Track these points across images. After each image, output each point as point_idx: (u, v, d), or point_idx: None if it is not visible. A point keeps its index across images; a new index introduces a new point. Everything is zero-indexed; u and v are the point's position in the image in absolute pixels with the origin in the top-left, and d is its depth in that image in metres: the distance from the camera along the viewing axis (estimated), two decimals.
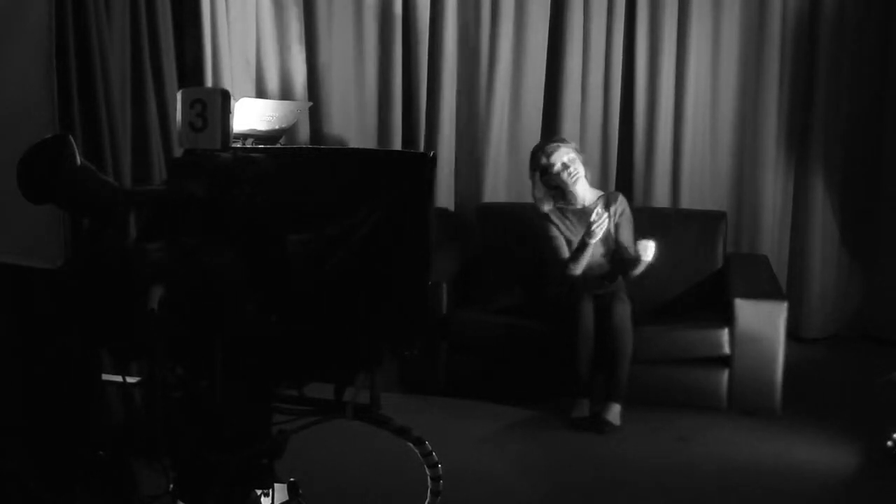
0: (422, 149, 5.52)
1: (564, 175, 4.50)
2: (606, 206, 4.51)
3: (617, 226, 4.53)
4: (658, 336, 4.39)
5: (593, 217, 4.31)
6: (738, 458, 3.89)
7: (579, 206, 4.56)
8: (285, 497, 2.26)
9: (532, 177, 4.62)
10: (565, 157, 4.50)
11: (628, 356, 4.21)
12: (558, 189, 4.53)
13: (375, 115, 5.59)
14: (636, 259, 4.32)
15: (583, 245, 4.39)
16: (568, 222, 4.54)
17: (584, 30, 5.41)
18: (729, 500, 3.56)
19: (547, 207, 4.57)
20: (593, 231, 4.31)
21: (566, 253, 4.49)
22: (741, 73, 5.45)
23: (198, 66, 5.18)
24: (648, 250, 4.29)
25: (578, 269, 4.43)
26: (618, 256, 4.52)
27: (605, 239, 4.49)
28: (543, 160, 4.54)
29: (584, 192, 4.57)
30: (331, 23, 5.50)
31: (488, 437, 4.09)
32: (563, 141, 4.61)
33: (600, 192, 4.64)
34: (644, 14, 5.38)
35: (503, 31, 5.45)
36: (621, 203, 4.56)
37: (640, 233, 4.61)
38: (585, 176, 4.56)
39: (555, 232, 4.54)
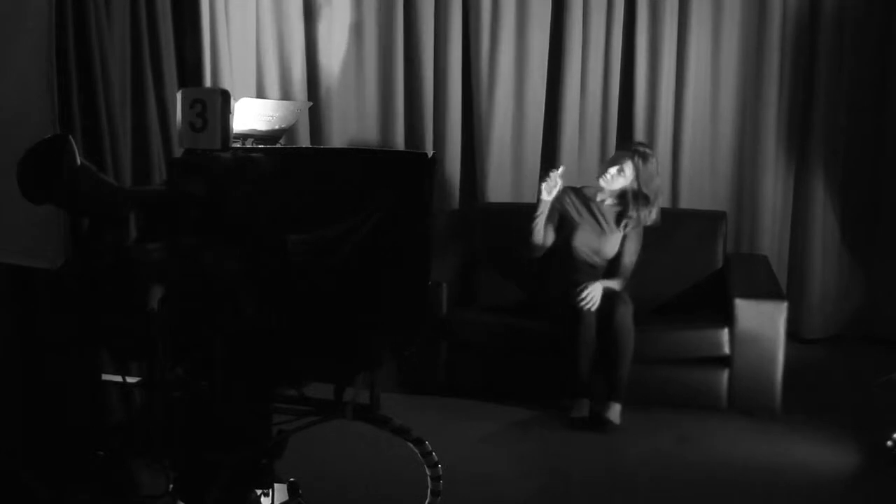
0: (423, 149, 5.52)
1: (604, 168, 4.54)
2: (621, 214, 4.53)
3: (625, 237, 4.53)
4: (658, 336, 4.38)
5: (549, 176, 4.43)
6: (738, 458, 3.89)
7: (596, 199, 4.57)
8: (285, 497, 2.26)
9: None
10: (620, 165, 4.48)
11: (629, 356, 4.21)
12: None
13: (376, 114, 5.59)
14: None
15: (539, 202, 4.51)
16: (573, 203, 4.58)
17: (583, 29, 5.40)
18: (729, 500, 3.56)
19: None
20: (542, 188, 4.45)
21: (539, 233, 4.55)
22: (741, 73, 5.45)
23: (198, 66, 5.19)
24: (591, 295, 4.29)
25: (535, 233, 4.53)
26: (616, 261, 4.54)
27: (606, 239, 4.50)
28: (619, 149, 4.62)
29: (607, 192, 4.57)
30: (331, 22, 5.50)
31: (488, 437, 4.09)
32: (641, 156, 4.47)
33: (620, 208, 4.61)
34: (644, 13, 5.37)
35: (504, 31, 5.45)
36: (636, 223, 4.57)
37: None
38: (635, 211, 4.51)
39: (539, 211, 4.57)
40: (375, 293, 2.09)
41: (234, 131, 2.25)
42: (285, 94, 5.44)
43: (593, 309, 4.26)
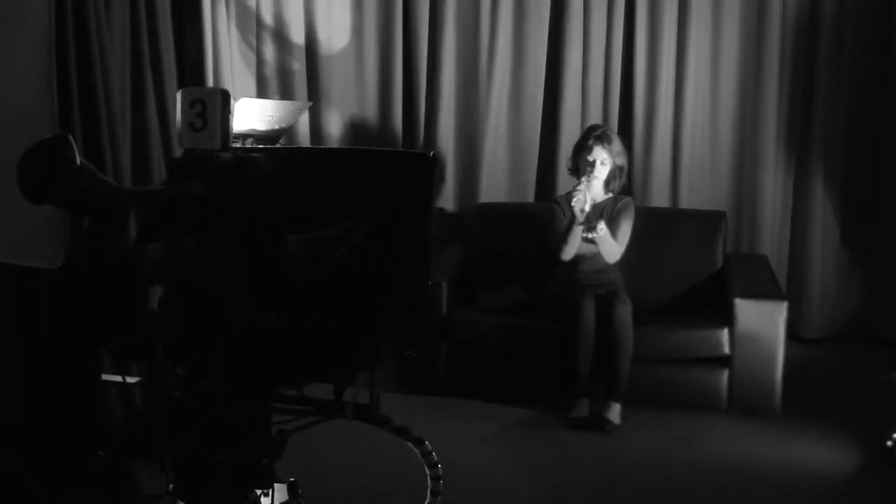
0: (422, 148, 5.52)
1: (587, 168, 4.51)
2: (613, 206, 4.53)
3: (616, 215, 4.52)
4: (658, 336, 4.38)
5: (574, 210, 4.35)
6: (738, 458, 3.89)
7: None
8: (285, 497, 2.26)
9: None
10: (600, 156, 4.49)
11: (629, 356, 4.21)
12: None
13: (375, 114, 5.59)
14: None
15: (569, 230, 4.43)
16: (566, 209, 4.57)
17: (583, 29, 5.41)
18: (728, 500, 3.56)
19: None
20: (574, 210, 4.36)
21: (572, 249, 4.52)
22: (741, 73, 5.45)
23: (198, 66, 5.19)
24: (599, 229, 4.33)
25: (568, 253, 4.47)
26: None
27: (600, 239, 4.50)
28: (584, 144, 4.54)
29: (597, 191, 4.57)
30: (331, 21, 5.50)
31: (488, 437, 4.09)
32: (609, 140, 4.51)
33: (612, 196, 4.62)
34: (643, 12, 5.37)
35: (503, 30, 5.45)
36: (627, 202, 4.57)
37: (641, 233, 4.60)
38: (612, 182, 4.55)
39: (558, 214, 4.57)
40: (375, 293, 2.09)
41: (234, 131, 2.25)
42: (285, 94, 5.45)
43: (585, 208, 4.31)
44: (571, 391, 4.25)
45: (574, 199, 4.37)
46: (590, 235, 4.35)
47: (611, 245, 4.44)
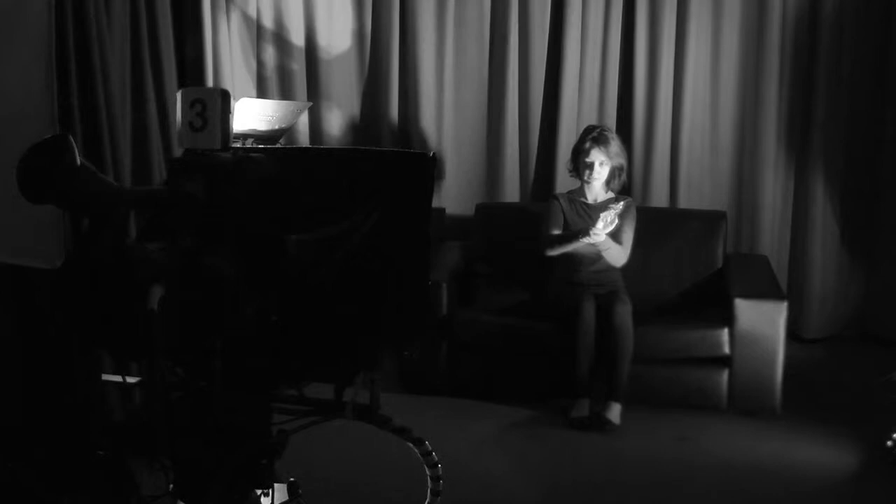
0: (422, 148, 5.52)
1: (586, 170, 4.52)
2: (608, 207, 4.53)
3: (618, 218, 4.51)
4: (658, 336, 4.38)
5: (598, 226, 4.22)
6: (738, 458, 3.89)
7: (589, 202, 4.59)
8: (285, 497, 2.26)
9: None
10: (598, 158, 4.50)
11: (629, 356, 4.21)
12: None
13: (375, 114, 5.59)
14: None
15: (574, 238, 4.41)
16: (573, 210, 4.57)
17: (581, 29, 5.40)
18: (729, 500, 3.56)
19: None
20: (591, 234, 4.28)
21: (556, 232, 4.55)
22: (741, 72, 5.45)
23: (198, 66, 5.19)
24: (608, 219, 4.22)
25: (556, 253, 4.49)
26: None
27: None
28: (582, 147, 4.55)
29: (598, 191, 4.59)
30: (331, 21, 5.50)
31: (488, 437, 4.09)
32: (606, 142, 4.51)
33: (613, 195, 4.63)
34: (643, 12, 5.37)
35: (502, 29, 5.45)
36: (628, 203, 4.57)
37: (641, 233, 4.60)
38: (611, 182, 4.58)
39: (555, 210, 4.57)
40: (375, 293, 2.09)
41: (234, 131, 2.25)
42: (285, 94, 5.45)
43: (604, 233, 4.23)
44: (571, 391, 4.25)
45: (604, 220, 4.19)
46: (591, 241, 4.33)
47: (616, 251, 4.44)
